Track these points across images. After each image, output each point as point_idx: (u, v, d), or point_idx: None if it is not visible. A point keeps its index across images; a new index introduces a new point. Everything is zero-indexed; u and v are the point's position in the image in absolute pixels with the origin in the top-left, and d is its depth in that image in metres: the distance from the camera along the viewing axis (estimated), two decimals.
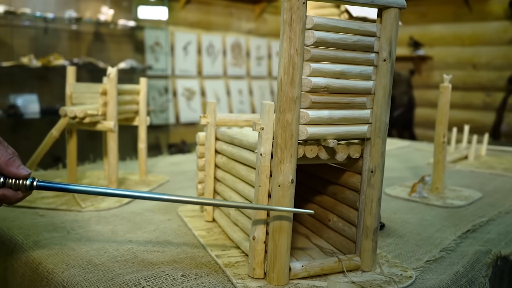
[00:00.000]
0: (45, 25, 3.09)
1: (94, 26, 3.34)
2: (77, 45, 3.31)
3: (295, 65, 0.64)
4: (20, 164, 0.60)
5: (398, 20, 0.71)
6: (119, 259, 0.77)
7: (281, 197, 0.68)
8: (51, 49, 3.12)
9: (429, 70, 4.63)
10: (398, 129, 4.48)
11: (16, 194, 0.61)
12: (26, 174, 0.61)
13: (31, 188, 0.61)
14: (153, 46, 3.87)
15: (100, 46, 3.44)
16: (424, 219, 1.05)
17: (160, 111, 3.82)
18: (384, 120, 0.72)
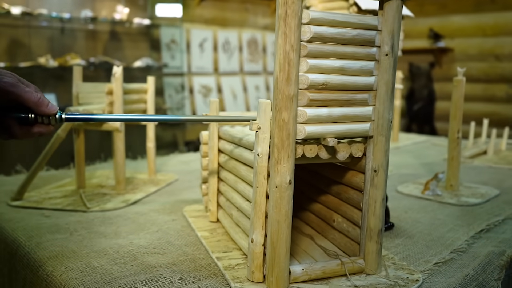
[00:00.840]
0: (62, 25, 3.12)
1: (109, 25, 3.36)
2: (94, 44, 3.34)
3: (290, 62, 0.62)
4: (48, 102, 0.65)
5: (401, 13, 0.67)
6: (118, 261, 0.76)
7: (279, 199, 0.65)
8: (68, 49, 3.16)
9: (450, 63, 4.52)
10: (418, 123, 4.39)
11: (49, 127, 0.66)
12: (55, 111, 0.65)
13: (61, 120, 0.66)
14: (169, 44, 3.88)
15: (116, 45, 3.46)
16: (436, 218, 1.01)
17: (176, 108, 3.83)
18: (387, 117, 0.69)
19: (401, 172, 1.45)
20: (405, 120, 4.50)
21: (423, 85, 4.37)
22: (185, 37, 3.96)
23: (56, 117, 0.66)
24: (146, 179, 1.33)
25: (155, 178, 1.35)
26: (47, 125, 0.66)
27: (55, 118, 0.65)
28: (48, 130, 0.66)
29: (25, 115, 0.64)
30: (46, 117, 0.65)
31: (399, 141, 2.00)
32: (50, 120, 0.65)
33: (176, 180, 1.35)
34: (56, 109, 0.65)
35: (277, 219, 0.66)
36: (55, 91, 3.03)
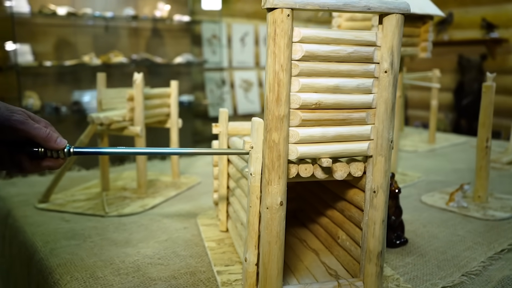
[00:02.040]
0: (106, 24, 3.22)
1: (151, 22, 3.44)
2: (136, 41, 3.42)
3: (280, 82, 0.61)
4: (57, 137, 0.66)
5: (401, 28, 0.64)
6: (122, 272, 0.78)
7: (270, 220, 0.64)
8: (112, 47, 3.26)
9: (504, 54, 4.26)
10: (467, 119, 4.19)
11: (58, 161, 0.68)
12: (64, 146, 0.67)
13: (69, 154, 0.68)
14: (210, 39, 3.91)
15: (158, 42, 3.53)
16: (455, 234, 0.96)
17: (217, 103, 3.86)
18: (387, 136, 0.66)
19: (430, 179, 1.39)
20: (453, 115, 4.31)
21: (473, 79, 4.16)
22: (226, 32, 3.97)
23: (64, 151, 0.67)
24: (168, 182, 1.36)
25: (178, 181, 1.37)
26: (56, 159, 0.67)
27: (63, 152, 0.67)
28: (57, 164, 0.68)
29: (35, 149, 0.65)
30: (55, 151, 0.66)
31: (435, 143, 1.92)
32: (59, 154, 0.67)
33: (198, 184, 1.36)
34: (65, 143, 0.67)
35: (268, 240, 0.65)
36: None
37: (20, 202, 1.16)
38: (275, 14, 0.59)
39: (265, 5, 0.59)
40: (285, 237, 0.91)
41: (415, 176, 1.40)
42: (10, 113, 0.62)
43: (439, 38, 4.45)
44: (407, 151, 1.78)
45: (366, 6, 0.62)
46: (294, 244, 0.89)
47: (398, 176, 1.39)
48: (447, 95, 4.33)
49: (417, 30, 1.29)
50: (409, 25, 1.26)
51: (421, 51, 1.31)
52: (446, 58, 4.42)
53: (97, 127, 1.17)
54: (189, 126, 3.57)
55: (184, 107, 3.52)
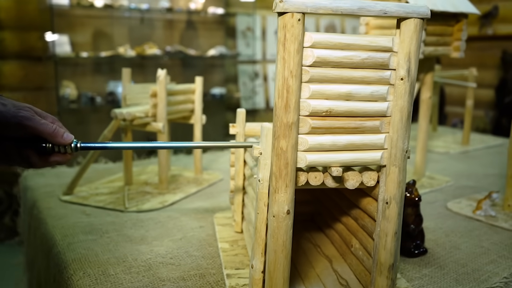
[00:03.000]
0: (141, 16, 3.26)
1: (186, 14, 3.45)
2: (171, 33, 3.45)
3: (289, 89, 0.59)
4: (63, 132, 0.68)
5: (420, 33, 0.61)
6: (133, 270, 0.79)
7: (276, 229, 0.63)
8: (147, 38, 3.30)
9: None
10: (509, 118, 4.01)
11: (66, 156, 0.70)
12: (70, 141, 0.68)
13: (76, 149, 0.69)
14: (245, 32, 3.90)
15: (192, 34, 3.55)
16: (479, 245, 0.92)
17: (249, 96, 3.86)
18: (401, 146, 0.63)
19: (459, 184, 1.33)
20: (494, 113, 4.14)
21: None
22: (260, 25, 3.95)
23: (72, 146, 0.68)
24: (191, 178, 1.36)
25: (200, 177, 1.37)
26: (64, 154, 0.69)
27: (71, 147, 0.68)
28: (65, 158, 0.69)
29: (43, 145, 0.67)
30: (62, 147, 0.68)
31: (469, 144, 1.84)
32: (66, 149, 0.68)
33: (221, 180, 1.36)
34: (71, 138, 0.68)
35: (274, 248, 0.64)
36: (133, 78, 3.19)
37: (46, 193, 1.20)
38: (285, 19, 0.57)
39: (275, 9, 0.58)
40: (300, 242, 0.90)
41: (443, 180, 1.35)
42: (17, 109, 0.63)
43: (483, 33, 4.27)
44: (438, 153, 1.72)
45: (382, 10, 0.59)
46: (308, 249, 0.88)
47: (425, 180, 1.34)
48: (488, 92, 4.15)
49: (449, 29, 1.23)
50: (441, 24, 1.21)
51: (454, 51, 1.25)
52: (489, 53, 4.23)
53: (120, 122, 1.18)
54: (221, 119, 3.59)
55: (216, 100, 3.53)
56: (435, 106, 2.07)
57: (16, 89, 3.00)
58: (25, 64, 3.00)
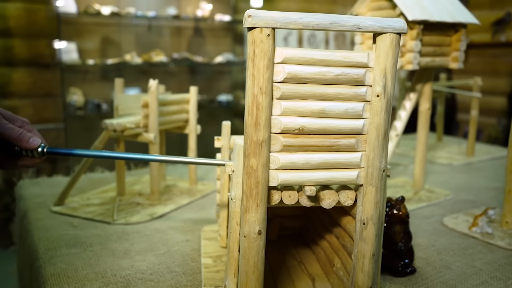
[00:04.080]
0: (148, 23, 3.28)
1: (193, 21, 3.46)
2: (178, 40, 3.46)
3: (259, 106, 0.57)
4: (29, 137, 0.68)
5: (397, 48, 0.58)
6: (110, 287, 0.78)
7: (247, 249, 0.61)
8: (154, 45, 3.32)
9: None
10: None
11: (33, 160, 0.70)
12: (36, 146, 0.69)
13: (43, 154, 0.69)
14: None
15: (199, 41, 3.56)
16: (471, 265, 0.88)
17: None
18: (378, 165, 0.61)
19: (458, 197, 1.29)
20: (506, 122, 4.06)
21: None
22: None
23: (38, 150, 0.68)
24: (184, 189, 1.35)
25: (194, 188, 1.36)
26: (31, 158, 0.69)
27: (38, 152, 0.69)
28: (32, 162, 0.70)
29: (11, 148, 0.68)
30: (29, 151, 0.68)
31: (474, 155, 1.80)
32: (33, 154, 0.69)
33: (214, 191, 1.34)
34: (37, 143, 0.68)
35: (245, 269, 0.62)
36: (139, 85, 3.21)
37: (37, 204, 1.20)
38: (254, 34, 0.56)
39: (244, 24, 0.56)
40: (285, 258, 0.88)
41: (442, 193, 1.31)
42: None
43: (495, 39, 4.20)
44: (441, 164, 1.68)
45: (356, 25, 0.57)
46: (292, 267, 0.85)
47: (423, 193, 1.31)
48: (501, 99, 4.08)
49: (447, 39, 1.20)
50: (438, 34, 1.18)
51: (452, 61, 1.22)
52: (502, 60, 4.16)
53: (111, 133, 1.18)
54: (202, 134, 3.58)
55: (223, 107, 3.52)
56: (441, 116, 2.03)
57: (25, 96, 3.03)
58: (34, 72, 3.03)
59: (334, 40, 4.40)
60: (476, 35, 3.94)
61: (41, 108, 3.08)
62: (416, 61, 1.13)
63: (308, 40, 4.26)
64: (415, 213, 1.16)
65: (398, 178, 1.46)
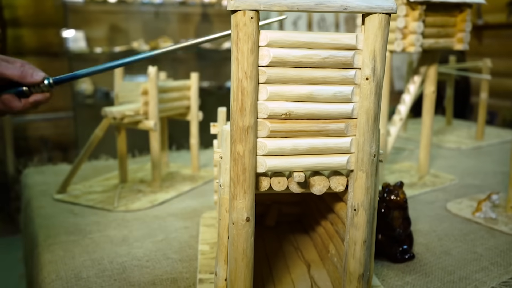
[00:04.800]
0: (156, 10, 3.26)
1: (200, 7, 3.44)
2: (185, 27, 3.45)
3: (244, 90, 0.56)
4: (32, 71, 0.70)
5: (386, 29, 0.56)
6: (106, 273, 0.78)
7: (235, 236, 0.61)
8: (161, 33, 3.31)
9: None
10: None
11: (45, 94, 0.72)
12: (41, 79, 0.70)
13: (50, 86, 0.71)
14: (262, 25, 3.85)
15: (207, 27, 3.53)
16: (472, 251, 0.87)
17: None
18: (368, 150, 0.59)
19: (464, 182, 1.27)
20: None
21: None
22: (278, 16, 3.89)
23: (45, 83, 0.70)
24: (187, 175, 1.35)
25: (197, 175, 1.36)
26: (41, 93, 0.71)
27: (45, 85, 0.70)
28: (44, 97, 0.71)
29: (20, 88, 0.70)
30: (37, 86, 0.70)
31: (484, 139, 1.76)
32: (42, 88, 0.70)
33: None
34: (41, 76, 0.70)
35: (234, 256, 0.61)
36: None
37: (41, 192, 1.21)
38: (238, 17, 0.54)
39: (228, 7, 0.55)
40: (282, 244, 0.87)
41: (447, 178, 1.29)
42: None
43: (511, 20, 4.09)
44: (448, 148, 1.65)
45: (343, 5, 0.55)
46: (289, 253, 0.85)
47: (428, 178, 1.29)
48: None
49: (452, 20, 1.17)
50: (442, 14, 1.14)
51: (457, 43, 1.18)
52: None
53: (111, 121, 1.18)
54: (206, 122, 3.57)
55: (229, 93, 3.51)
56: (450, 99, 1.99)
57: None
58: (43, 60, 3.05)
59: (345, 24, 4.33)
60: (491, 15, 3.84)
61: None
62: (418, 43, 1.10)
63: (318, 24, 4.20)
64: (419, 198, 1.15)
65: (403, 163, 1.44)
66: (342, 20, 4.29)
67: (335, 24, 4.26)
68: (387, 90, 1.19)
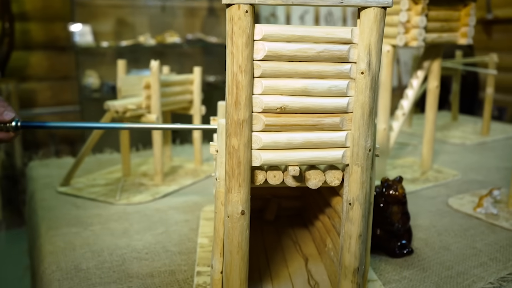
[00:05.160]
0: (162, 4, 3.27)
1: (207, 2, 3.43)
2: (191, 21, 3.44)
3: (239, 84, 0.56)
4: (3, 111, 0.70)
5: (382, 23, 0.56)
6: (105, 265, 0.79)
7: (231, 229, 0.61)
8: (168, 27, 3.31)
9: None
10: None
11: (8, 134, 0.72)
12: (10, 119, 0.71)
13: (17, 128, 0.71)
14: (268, 18, 3.84)
15: (214, 21, 3.53)
16: (472, 246, 0.87)
17: None
18: (364, 145, 0.59)
19: (467, 178, 1.26)
20: None
21: None
22: (285, 10, 3.88)
23: (12, 125, 0.70)
24: (190, 170, 1.35)
25: (199, 169, 1.36)
26: (6, 132, 0.71)
27: (12, 126, 0.70)
28: (7, 136, 0.72)
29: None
30: (4, 125, 0.70)
31: (489, 135, 1.75)
32: (8, 128, 0.70)
33: None
34: (11, 117, 0.70)
35: (229, 249, 0.62)
36: None
37: (44, 184, 1.22)
38: (232, 11, 0.54)
39: (223, 1, 0.55)
40: (281, 238, 0.87)
41: (450, 174, 1.28)
42: None
43: None
44: (453, 144, 1.64)
45: None
46: (287, 247, 0.85)
47: (431, 174, 1.28)
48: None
49: (456, 14, 1.16)
50: (446, 8, 1.13)
51: (461, 37, 1.17)
52: None
53: (114, 114, 1.18)
54: None
55: None
56: (456, 94, 1.98)
57: (43, 79, 3.07)
58: (51, 54, 3.07)
59: (352, 18, 4.30)
60: (501, 10, 3.79)
61: (58, 91, 3.13)
62: (421, 37, 1.09)
63: (325, 18, 4.18)
64: (420, 193, 1.14)
65: (406, 158, 1.44)
66: (349, 15, 4.26)
67: (343, 19, 4.23)
68: (389, 85, 1.19)
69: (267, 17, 3.81)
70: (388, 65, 1.17)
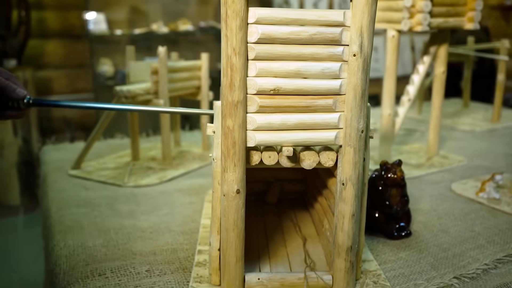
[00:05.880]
0: None
1: None
2: (204, 9, 3.45)
3: (233, 66, 0.58)
4: (15, 88, 0.71)
5: (374, 5, 0.57)
6: (111, 243, 0.82)
7: (227, 208, 0.63)
8: (181, 14, 3.32)
9: None
10: None
11: (21, 111, 0.74)
12: (22, 96, 0.72)
13: (28, 105, 0.73)
14: (282, 4, 3.83)
15: None
16: (470, 229, 0.87)
17: None
18: (356, 126, 0.61)
19: (473, 163, 1.26)
20: None
21: None
22: None
23: (24, 101, 0.72)
24: (197, 154, 1.38)
25: (207, 154, 1.38)
26: (17, 109, 0.73)
27: (24, 103, 0.72)
28: (19, 114, 0.73)
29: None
30: (16, 102, 0.72)
31: (499, 121, 1.73)
32: (19, 105, 0.72)
33: None
34: (23, 94, 0.71)
35: (225, 227, 0.64)
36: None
37: (57, 168, 1.26)
38: None
39: None
40: (282, 220, 0.89)
41: (456, 159, 1.28)
42: None
43: None
44: (462, 131, 1.63)
45: None
46: (287, 228, 0.87)
47: (436, 159, 1.28)
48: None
49: None
50: None
51: (468, 22, 1.17)
52: None
53: (123, 100, 1.21)
54: None
55: None
56: (467, 81, 1.96)
57: (58, 67, 3.13)
58: (66, 43, 3.12)
59: None
60: None
61: (74, 78, 3.18)
62: (426, 22, 1.09)
63: (339, 5, 4.14)
64: (424, 178, 1.15)
65: (413, 144, 1.44)
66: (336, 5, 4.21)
67: None
68: (394, 70, 1.19)
69: (280, 4, 3.79)
70: (393, 51, 1.17)
